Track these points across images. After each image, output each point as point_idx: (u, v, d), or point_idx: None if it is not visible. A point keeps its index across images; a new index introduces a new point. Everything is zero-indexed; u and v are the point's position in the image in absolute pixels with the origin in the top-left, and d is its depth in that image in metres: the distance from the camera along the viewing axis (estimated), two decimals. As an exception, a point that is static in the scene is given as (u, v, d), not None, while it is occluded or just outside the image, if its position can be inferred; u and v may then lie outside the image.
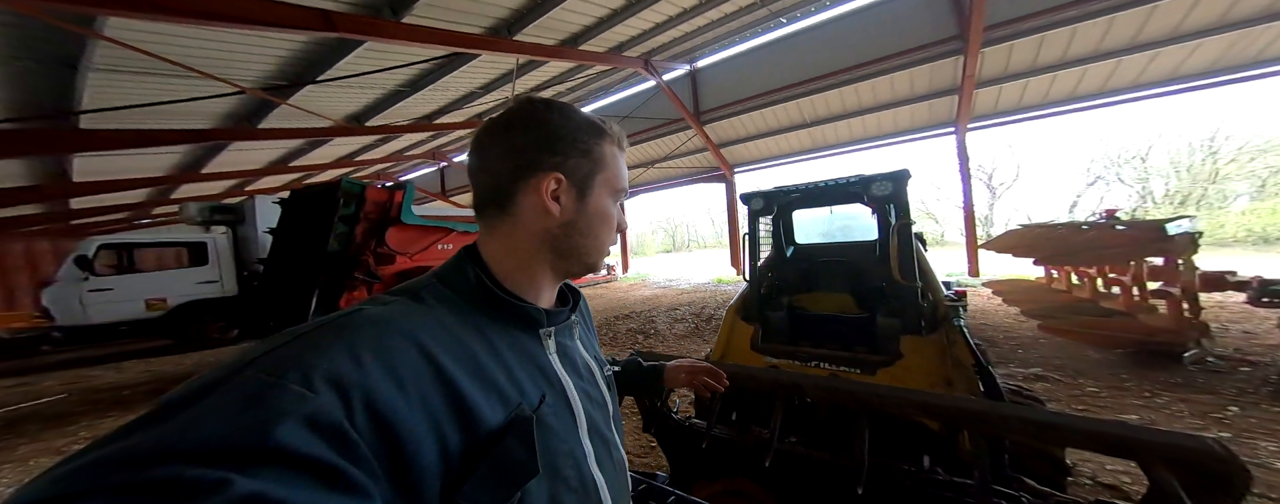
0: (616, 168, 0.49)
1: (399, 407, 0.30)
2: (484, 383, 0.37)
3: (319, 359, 0.29)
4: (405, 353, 0.33)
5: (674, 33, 6.43)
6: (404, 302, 0.39)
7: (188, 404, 0.26)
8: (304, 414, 0.26)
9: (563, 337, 0.48)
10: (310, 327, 0.33)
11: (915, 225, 2.20)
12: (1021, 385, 1.70)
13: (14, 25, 2.76)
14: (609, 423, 0.51)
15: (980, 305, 6.21)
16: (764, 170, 10.36)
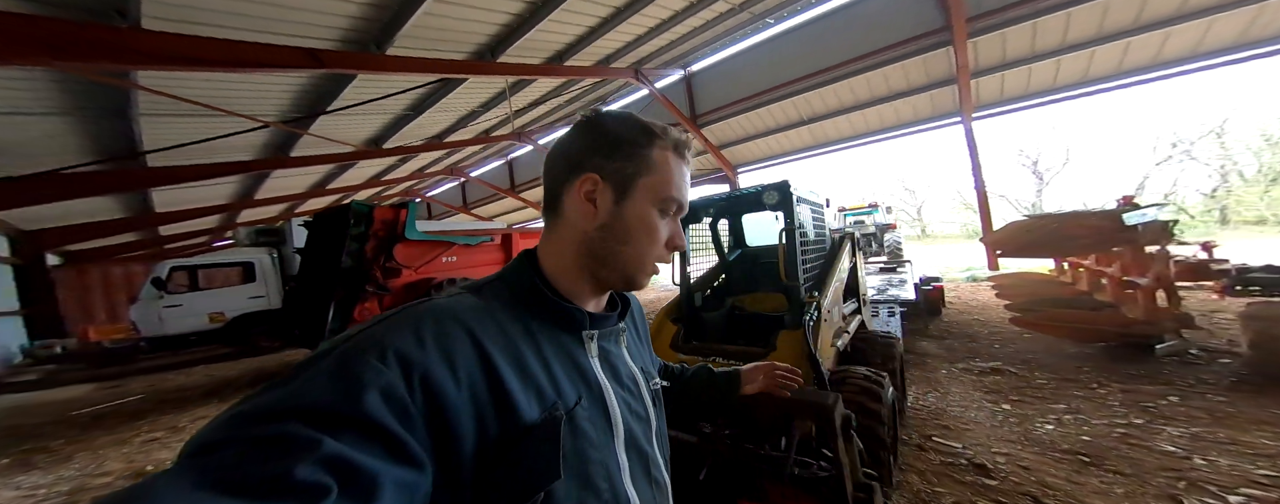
0: (666, 174, 0.45)
1: (449, 387, 0.33)
2: (525, 378, 0.38)
3: (393, 338, 0.33)
4: (460, 340, 0.35)
5: (659, 41, 6.66)
6: (467, 295, 0.41)
7: (307, 367, 0.31)
8: (381, 386, 0.29)
9: (607, 342, 0.47)
10: (394, 312, 0.37)
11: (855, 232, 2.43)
12: (872, 372, 1.84)
13: (64, 81, 3.40)
14: (650, 438, 0.49)
15: (984, 300, 6.06)
16: (766, 169, 10.38)
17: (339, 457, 0.26)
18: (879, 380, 1.73)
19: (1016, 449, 2.17)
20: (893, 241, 9.81)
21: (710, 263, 2.63)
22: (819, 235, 2.49)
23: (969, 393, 2.98)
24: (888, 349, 2.32)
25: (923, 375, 3.40)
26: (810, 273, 2.16)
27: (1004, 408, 2.68)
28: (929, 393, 3.03)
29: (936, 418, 2.62)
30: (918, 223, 26.40)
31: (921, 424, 2.53)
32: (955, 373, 3.39)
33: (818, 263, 2.34)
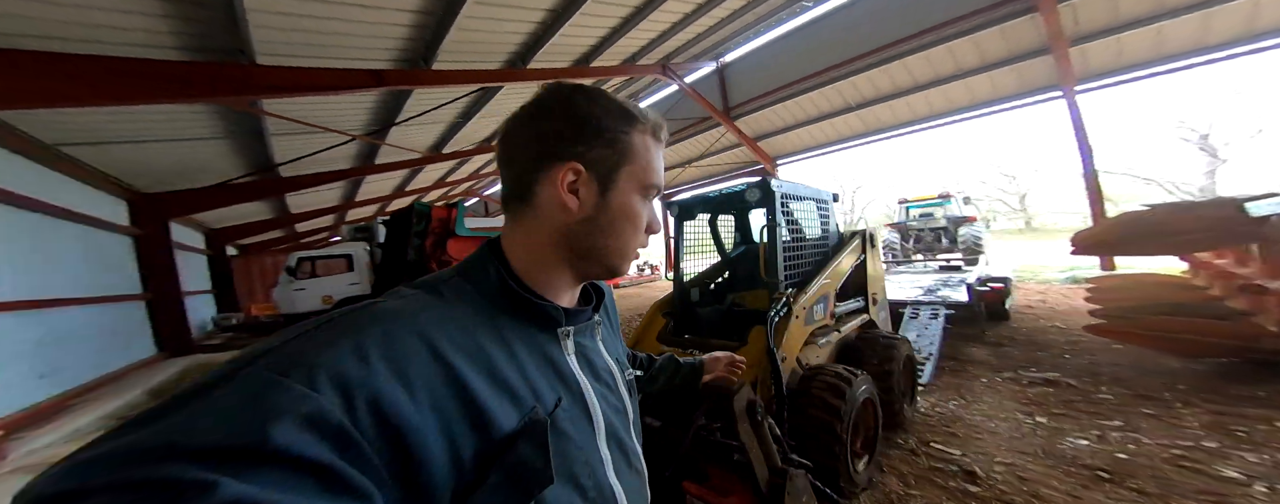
0: (648, 160, 0.44)
1: (406, 408, 0.29)
2: (498, 384, 0.35)
3: (325, 356, 0.28)
4: (415, 352, 0.31)
5: (685, 35, 6.67)
6: (422, 296, 0.37)
7: (194, 399, 0.25)
8: (304, 413, 0.25)
9: (583, 337, 0.46)
10: (322, 321, 0.32)
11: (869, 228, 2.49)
12: (848, 370, 1.77)
13: (221, 112, 4.54)
14: (629, 429, 0.48)
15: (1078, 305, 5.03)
16: (810, 159, 9.74)
17: (243, 501, 0.22)
18: (849, 379, 1.69)
19: (1024, 460, 1.93)
20: (970, 237, 8.49)
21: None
22: (822, 232, 2.42)
23: (1002, 403, 2.61)
24: (887, 351, 2.19)
25: (955, 382, 3.02)
26: (800, 269, 2.13)
27: (1037, 421, 2.33)
28: (952, 400, 2.71)
29: (948, 425, 2.36)
30: (1020, 214, 22.16)
31: (927, 430, 2.31)
32: (997, 382, 2.96)
33: (813, 259, 2.28)
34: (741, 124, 9.09)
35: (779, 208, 2.02)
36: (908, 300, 4.40)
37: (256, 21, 2.90)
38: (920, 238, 9.84)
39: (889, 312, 3.00)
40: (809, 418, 1.61)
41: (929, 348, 3.37)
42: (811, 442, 1.58)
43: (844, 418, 1.60)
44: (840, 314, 2.34)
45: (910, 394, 2.49)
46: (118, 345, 4.96)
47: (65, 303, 4.11)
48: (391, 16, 3.44)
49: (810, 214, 2.40)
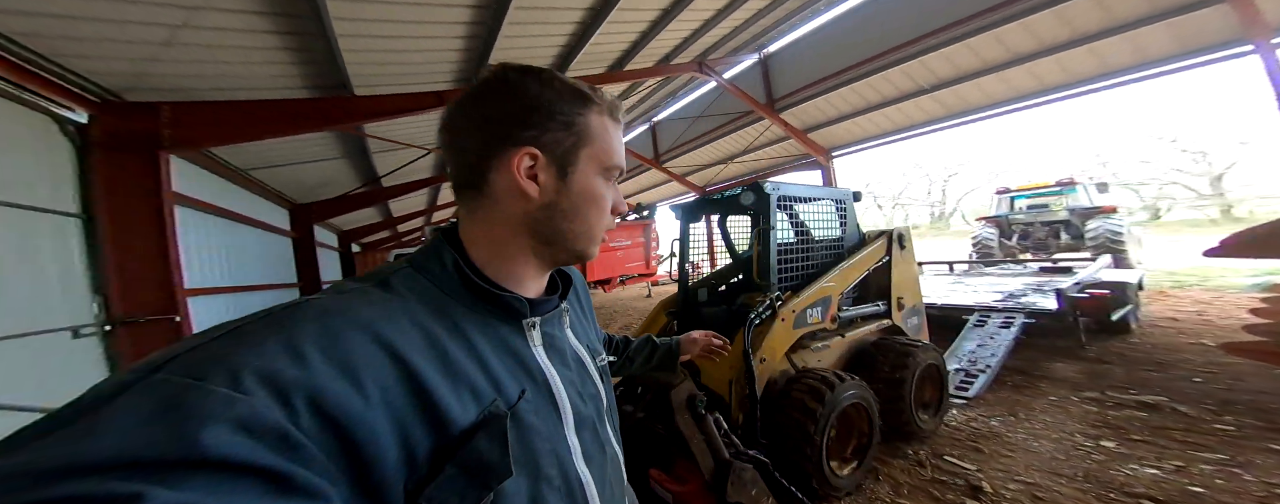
0: (607, 141, 0.42)
1: (354, 405, 0.27)
2: (454, 378, 0.34)
3: (248, 356, 0.26)
4: (361, 347, 0.30)
5: (721, 30, 6.53)
6: (367, 289, 0.35)
7: (93, 410, 0.22)
8: (233, 417, 0.23)
9: (549, 326, 0.44)
10: (242, 321, 0.30)
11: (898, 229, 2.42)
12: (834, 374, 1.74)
13: (338, 137, 5.84)
14: (602, 417, 0.47)
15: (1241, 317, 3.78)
16: (873, 149, 8.70)
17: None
18: (832, 383, 1.68)
19: (1054, 481, 1.71)
20: (1104, 231, 6.80)
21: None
22: (837, 233, 2.36)
23: (1063, 423, 2.22)
24: (901, 358, 2.07)
25: (1012, 398, 2.60)
26: (802, 272, 2.12)
27: (1102, 445, 2.00)
28: (997, 417, 2.37)
29: (977, 440, 2.09)
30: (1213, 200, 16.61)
31: (949, 443, 2.08)
32: (1070, 402, 2.48)
33: (822, 261, 2.24)
34: (789, 116, 8.49)
35: (774, 211, 2.02)
36: (975, 306, 3.76)
37: (350, 59, 3.67)
38: (1027, 233, 8.14)
39: (924, 317, 2.67)
40: (786, 418, 1.63)
41: (988, 359, 2.90)
42: (787, 442, 1.61)
43: (819, 421, 1.59)
44: (850, 317, 2.24)
45: (936, 405, 2.24)
46: None
47: (250, 289, 5.67)
48: (446, 43, 4.06)
49: (822, 215, 2.32)
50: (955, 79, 6.68)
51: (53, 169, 2.93)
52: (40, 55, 2.62)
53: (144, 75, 3.14)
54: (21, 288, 2.53)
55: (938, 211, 32.21)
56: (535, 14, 4.05)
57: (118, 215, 3.19)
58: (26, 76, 2.64)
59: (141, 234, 3.28)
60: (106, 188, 3.17)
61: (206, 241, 4.68)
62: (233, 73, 3.48)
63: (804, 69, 7.84)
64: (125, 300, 3.15)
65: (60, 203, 2.93)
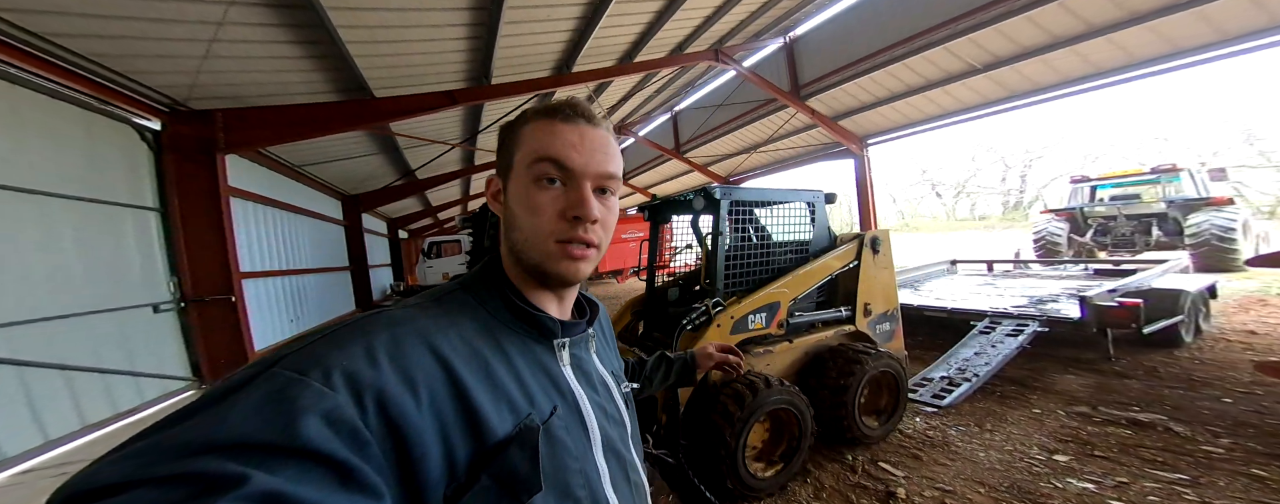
0: (535, 140, 0.41)
1: (409, 408, 0.30)
2: (495, 391, 0.36)
3: (339, 357, 0.29)
4: (420, 356, 0.33)
5: (738, 14, 6.20)
6: (426, 304, 0.39)
7: (225, 398, 0.27)
8: (324, 410, 0.26)
9: (578, 349, 0.46)
10: (337, 326, 0.33)
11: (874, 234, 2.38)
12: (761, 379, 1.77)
13: (372, 136, 6.41)
14: (626, 441, 0.48)
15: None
16: (921, 134, 7.93)
17: (273, 493, 0.22)
18: (757, 388, 1.73)
19: (972, 489, 1.71)
20: (1209, 226, 5.81)
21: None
22: (804, 236, 2.33)
23: (1028, 436, 2.14)
24: (849, 366, 2.04)
25: (989, 408, 2.46)
26: (755, 276, 2.13)
27: (1055, 459, 1.92)
28: (959, 426, 2.30)
29: (923, 448, 2.07)
30: None
31: (891, 450, 2.08)
32: (1054, 415, 2.35)
33: (781, 265, 2.23)
34: (816, 103, 7.93)
35: (724, 216, 2.03)
36: (987, 311, 3.44)
37: (363, 63, 4.02)
38: (1108, 228, 7.09)
39: (898, 324, 2.58)
40: (706, 420, 1.70)
41: (979, 369, 2.68)
42: (705, 443, 1.68)
43: (735, 424, 1.65)
44: (805, 323, 2.22)
45: (890, 412, 2.15)
46: (333, 301, 7.57)
47: (305, 272, 6.50)
48: (449, 44, 4.29)
49: (786, 218, 2.29)
50: (1016, 56, 5.85)
51: (134, 170, 3.57)
52: (120, 73, 3.17)
53: (198, 86, 3.67)
54: (111, 270, 3.16)
55: (1013, 201, 28.28)
56: (530, 12, 4.14)
57: (185, 208, 3.83)
58: (111, 93, 3.22)
59: (204, 224, 3.91)
60: (176, 184, 3.81)
61: (260, 230, 5.42)
62: (268, 81, 3.97)
63: (833, 53, 7.26)
64: (193, 281, 3.81)
65: (141, 198, 3.57)
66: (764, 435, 1.87)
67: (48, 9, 2.39)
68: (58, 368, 2.58)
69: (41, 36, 2.56)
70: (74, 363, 2.69)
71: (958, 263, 6.36)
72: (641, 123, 11.12)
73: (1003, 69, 6.04)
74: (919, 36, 6.01)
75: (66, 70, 2.84)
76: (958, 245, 13.82)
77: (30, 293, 2.52)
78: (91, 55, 2.90)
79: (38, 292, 2.56)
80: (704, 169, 11.10)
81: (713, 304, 1.88)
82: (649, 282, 2.60)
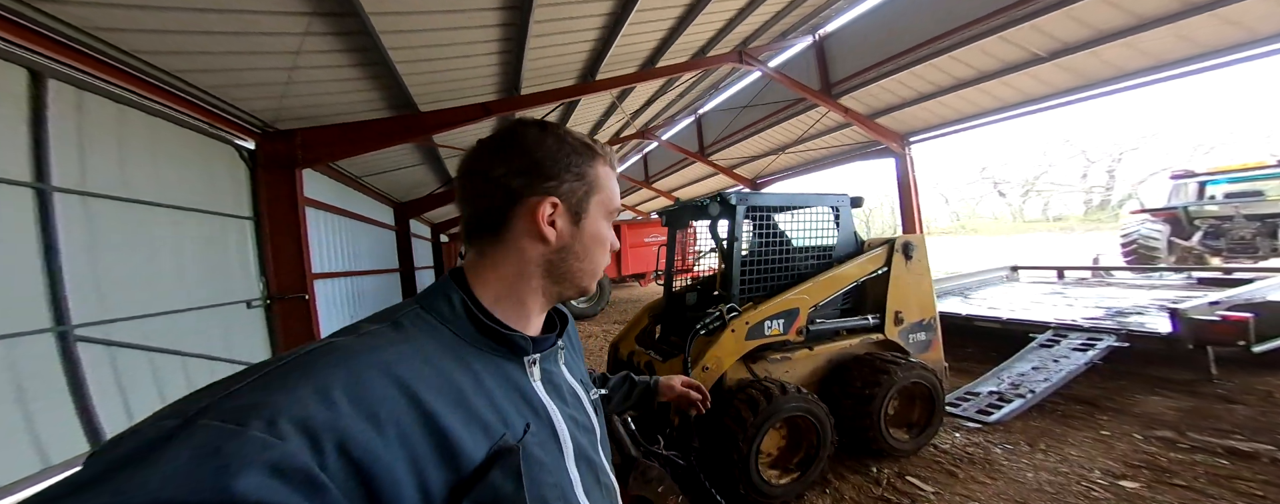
0: (611, 189, 0.49)
1: (375, 446, 0.29)
2: (467, 415, 0.35)
3: (285, 401, 0.27)
4: (382, 388, 0.31)
5: (762, 15, 6.15)
6: (382, 330, 0.37)
7: (134, 460, 0.23)
8: (268, 462, 0.24)
9: (547, 363, 0.47)
10: (273, 365, 0.31)
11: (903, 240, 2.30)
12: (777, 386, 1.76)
13: (417, 148, 7.01)
14: (596, 447, 0.49)
15: None
16: (965, 131, 7.39)
17: None
18: (772, 394, 1.73)
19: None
20: None
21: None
22: (827, 242, 2.31)
23: (1090, 460, 1.97)
24: (875, 375, 1.99)
25: (1046, 427, 2.31)
26: (774, 282, 2.14)
27: (1123, 485, 1.77)
28: (1005, 444, 2.17)
29: (961, 464, 1.98)
30: None
31: (923, 464, 2.02)
32: (1130, 439, 2.16)
33: (802, 271, 2.22)
34: (850, 101, 7.61)
35: (739, 222, 2.05)
36: (1051, 322, 3.18)
37: (410, 81, 4.43)
38: (1220, 231, 6.16)
39: (937, 333, 2.46)
40: (720, 424, 1.73)
41: (1036, 384, 2.49)
42: (718, 447, 1.70)
43: (748, 429, 1.66)
44: (826, 330, 2.19)
45: (923, 425, 2.08)
46: (387, 300, 8.26)
47: (363, 273, 7.22)
48: (483, 60, 4.64)
49: (808, 222, 2.26)
50: (1091, 40, 5.25)
51: (236, 185, 4.19)
52: (226, 101, 3.75)
53: (283, 109, 4.24)
54: (218, 271, 3.73)
55: (1099, 199, 25.02)
56: (556, 24, 4.38)
57: (271, 217, 4.42)
58: (218, 119, 3.81)
59: (285, 231, 4.49)
60: (265, 196, 4.42)
61: (328, 236, 6.11)
62: (335, 101, 4.50)
63: (868, 48, 6.94)
64: (277, 281, 4.39)
65: (240, 209, 4.18)
66: (780, 442, 1.86)
67: (174, 50, 2.88)
68: (176, 354, 3.11)
69: (171, 73, 3.11)
70: (188, 350, 3.21)
71: (1019, 269, 5.82)
72: (665, 127, 11.18)
73: (1076, 55, 5.42)
74: (967, 27, 5.60)
75: (187, 100, 3.41)
76: (1024, 250, 12.54)
77: (160, 290, 3.05)
78: (206, 87, 3.46)
79: (166, 289, 3.10)
80: (729, 171, 10.95)
81: (727, 309, 1.89)
82: (666, 286, 2.67)
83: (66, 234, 2.47)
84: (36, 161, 2.38)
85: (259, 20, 2.82)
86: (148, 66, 2.95)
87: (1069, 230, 20.01)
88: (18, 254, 2.25)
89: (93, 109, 2.77)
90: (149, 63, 2.93)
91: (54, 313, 2.38)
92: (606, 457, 0.53)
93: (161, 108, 3.22)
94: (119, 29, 2.59)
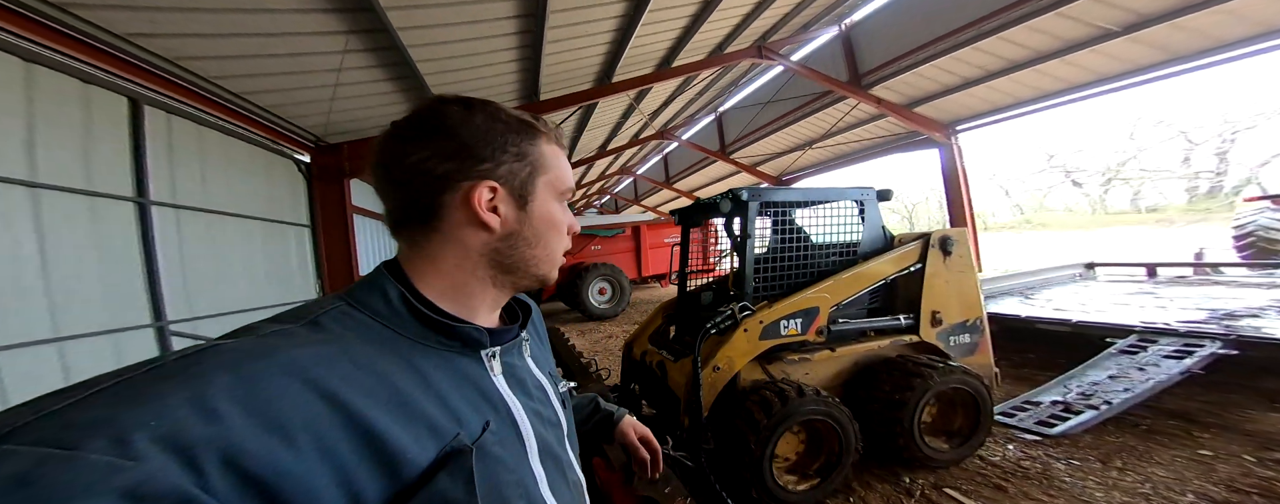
0: (559, 167, 0.44)
1: (281, 460, 0.25)
2: (408, 417, 0.32)
3: (140, 416, 0.22)
4: (289, 394, 0.27)
5: (780, 8, 5.95)
6: (292, 330, 0.32)
7: None
8: (116, 488, 0.19)
9: (510, 356, 0.44)
10: (127, 374, 0.26)
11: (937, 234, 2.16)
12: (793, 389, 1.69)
13: None
14: (563, 442, 0.47)
15: None
16: (1022, 117, 6.73)
17: None
18: (787, 397, 1.67)
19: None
20: None
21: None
22: (852, 237, 2.20)
23: (1182, 480, 1.71)
24: (907, 379, 1.84)
25: (1132, 443, 2.07)
26: (792, 280, 2.07)
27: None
28: (1077, 459, 1.93)
29: (1012, 479, 1.78)
30: None
31: (966, 478, 1.83)
32: (1239, 459, 1.85)
33: (823, 268, 2.13)
34: (883, 91, 7.15)
35: (752, 219, 2.00)
36: (1136, 326, 2.85)
37: (437, 92, 4.72)
38: None
39: (984, 334, 2.22)
40: (732, 426, 1.68)
41: (1112, 395, 2.23)
42: (730, 449, 1.66)
43: (761, 432, 1.60)
44: (851, 331, 2.07)
45: (966, 435, 1.94)
46: None
47: None
48: (504, 68, 4.84)
49: (830, 218, 2.16)
50: (1174, 10, 4.51)
51: (295, 195, 4.65)
52: (285, 119, 4.18)
53: (331, 124, 4.65)
54: (282, 274, 4.16)
55: (1207, 186, 20.84)
56: (570, 29, 4.48)
57: (325, 223, 4.87)
58: (280, 136, 4.26)
59: (336, 236, 4.92)
60: (319, 205, 4.87)
61: (374, 241, 6.62)
62: (373, 114, 4.87)
63: (902, 34, 6.48)
64: (330, 283, 4.81)
65: (299, 217, 4.63)
66: (799, 447, 1.77)
67: (242, 73, 3.25)
68: (248, 346, 3.51)
69: (238, 94, 3.51)
70: (257, 342, 3.63)
71: (1095, 266, 5.21)
72: (685, 126, 11.09)
73: (1156, 28, 4.70)
74: (1014, 6, 5.08)
75: (252, 119, 3.84)
76: (1106, 245, 11.14)
77: (234, 290, 3.45)
78: (267, 106, 3.87)
79: (239, 289, 3.50)
80: (752, 169, 10.67)
81: (739, 308, 1.83)
82: (680, 285, 2.63)
83: (162, 241, 2.86)
84: (138, 178, 2.78)
85: (306, 41, 3.13)
86: (221, 90, 3.36)
87: (1168, 223, 17.12)
88: (125, 259, 2.64)
89: (179, 130, 3.20)
90: (221, 86, 3.33)
91: (153, 310, 2.77)
92: (574, 452, 0.50)
93: (232, 127, 3.65)
94: (198, 57, 2.97)
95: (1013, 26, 5.27)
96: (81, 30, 2.34)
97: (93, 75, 2.50)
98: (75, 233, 2.33)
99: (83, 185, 2.38)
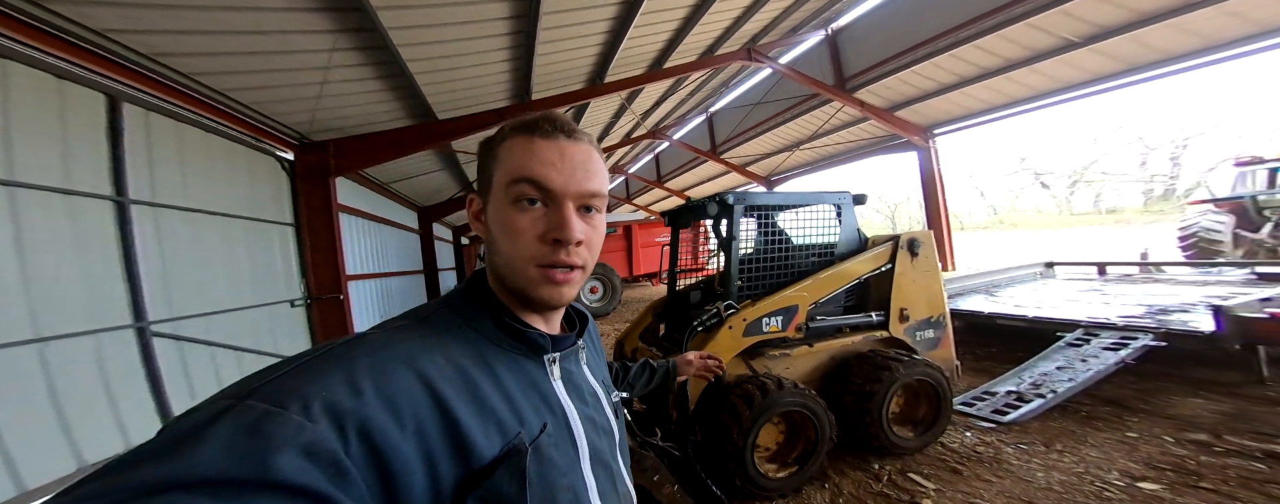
0: (512, 159, 0.41)
1: (393, 436, 0.30)
2: (483, 412, 0.36)
3: (319, 388, 0.29)
4: (404, 381, 0.32)
5: (769, 12, 6.10)
6: (410, 326, 0.39)
7: (194, 433, 0.25)
8: (302, 443, 0.26)
9: (567, 363, 0.46)
10: (313, 354, 0.33)
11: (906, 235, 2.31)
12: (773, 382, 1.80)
13: (439, 154, 7.35)
14: (614, 451, 0.48)
15: None
16: (995, 122, 7.07)
17: None
18: (767, 389, 1.78)
19: None
20: None
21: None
22: (829, 239, 2.33)
23: (1110, 461, 1.92)
24: (876, 373, 2.00)
25: (1072, 428, 2.29)
26: (773, 280, 2.18)
27: (1135, 486, 1.69)
28: (1019, 444, 2.13)
29: (967, 463, 1.98)
30: None
31: (927, 462, 2.02)
32: (1159, 441, 2.09)
33: (802, 268, 2.26)
34: (867, 94, 7.41)
35: (737, 221, 2.11)
36: (1082, 321, 3.09)
37: (428, 90, 4.67)
38: None
39: (946, 330, 2.41)
40: (716, 418, 1.79)
41: (1059, 384, 2.43)
42: (715, 440, 1.76)
43: (743, 423, 1.71)
44: (827, 327, 2.21)
45: (929, 424, 2.09)
46: (413, 299, 8.69)
47: (391, 275, 7.62)
48: (495, 68, 4.84)
49: (809, 221, 2.29)
50: (1129, 23, 4.95)
51: (278, 193, 4.55)
52: (267, 116, 4.09)
53: (316, 121, 4.57)
54: (266, 274, 4.07)
55: (1161, 189, 22.83)
56: (562, 30, 4.51)
57: (309, 223, 4.78)
58: (262, 133, 4.16)
59: (321, 236, 4.83)
60: (304, 204, 4.78)
61: (359, 239, 6.50)
62: (361, 112, 4.80)
63: (884, 40, 6.75)
64: (316, 283, 4.74)
65: (282, 216, 4.54)
66: (778, 437, 1.90)
67: (223, 70, 3.18)
68: (232, 348, 3.44)
69: (219, 91, 3.43)
70: (242, 345, 3.55)
71: (1055, 265, 5.54)
72: (676, 126, 11.19)
73: (1113, 40, 5.12)
74: (989, 15, 5.36)
75: (234, 115, 3.75)
76: (1069, 245, 11.77)
77: (216, 291, 3.39)
78: (249, 102, 3.79)
79: (221, 290, 3.44)
80: (742, 169, 10.86)
81: (724, 306, 1.94)
82: (670, 284, 2.73)
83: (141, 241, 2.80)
84: (116, 176, 2.71)
85: (293, 39, 3.09)
86: (200, 86, 3.27)
87: (1125, 223, 18.39)
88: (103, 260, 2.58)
89: (158, 127, 3.11)
90: (202, 82, 3.25)
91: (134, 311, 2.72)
92: (626, 465, 0.51)
93: (213, 123, 3.56)
94: (178, 53, 2.90)
95: (987, 34, 5.57)
96: (56, 25, 2.29)
97: (68, 71, 2.44)
98: (53, 232, 2.29)
99: (60, 184, 2.34)
